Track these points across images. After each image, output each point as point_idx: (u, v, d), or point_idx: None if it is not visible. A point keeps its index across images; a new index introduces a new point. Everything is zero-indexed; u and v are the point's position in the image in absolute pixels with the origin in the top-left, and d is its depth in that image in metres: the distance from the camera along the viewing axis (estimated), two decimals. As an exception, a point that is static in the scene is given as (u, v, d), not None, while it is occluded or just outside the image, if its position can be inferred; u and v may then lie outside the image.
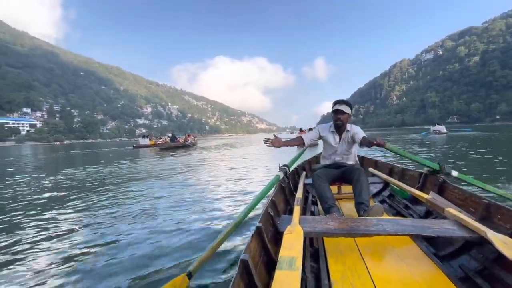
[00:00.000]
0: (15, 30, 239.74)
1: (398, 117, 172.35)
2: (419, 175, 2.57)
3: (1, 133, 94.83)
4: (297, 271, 0.95)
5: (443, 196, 2.06)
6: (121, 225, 3.11)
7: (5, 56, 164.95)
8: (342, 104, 2.27)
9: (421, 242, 1.62)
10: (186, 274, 1.13)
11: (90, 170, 8.92)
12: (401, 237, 1.58)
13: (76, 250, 2.46)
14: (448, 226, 1.42)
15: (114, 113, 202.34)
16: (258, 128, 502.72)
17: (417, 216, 2.15)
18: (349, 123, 2.38)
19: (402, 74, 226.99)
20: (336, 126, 2.34)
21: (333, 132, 2.40)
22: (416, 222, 1.49)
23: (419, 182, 2.52)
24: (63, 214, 3.74)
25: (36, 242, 2.74)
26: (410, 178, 2.78)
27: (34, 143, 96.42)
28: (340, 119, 2.26)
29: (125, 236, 2.72)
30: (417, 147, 12.84)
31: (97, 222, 3.29)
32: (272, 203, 1.87)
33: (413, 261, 1.42)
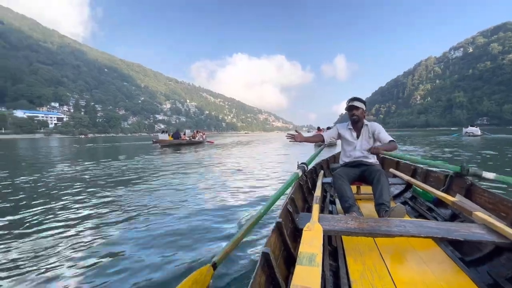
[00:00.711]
0: (46, 29, 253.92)
1: (421, 118, 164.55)
2: (444, 177, 2.49)
3: (31, 126, 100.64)
4: (318, 268, 0.95)
5: (471, 199, 1.99)
6: (144, 217, 3.18)
7: (36, 54, 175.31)
8: (355, 100, 2.33)
9: (446, 246, 1.58)
10: (211, 264, 1.17)
11: (113, 163, 9.20)
12: (424, 239, 1.56)
13: (101, 240, 2.53)
14: (477, 230, 1.37)
15: (135, 109, 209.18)
16: (274, 126, 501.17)
17: (441, 219, 2.09)
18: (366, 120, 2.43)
19: (428, 72, 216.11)
20: (353, 121, 2.40)
21: (351, 129, 2.44)
22: (441, 224, 1.46)
23: (444, 184, 2.44)
24: (87, 204, 3.85)
25: (63, 229, 2.84)
26: (434, 180, 2.69)
27: (60, 135, 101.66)
28: (355, 114, 2.33)
29: (148, 228, 2.79)
30: (451, 150, 11.74)
31: (122, 213, 3.37)
32: (291, 200, 1.88)
33: (438, 265, 1.39)
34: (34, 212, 3.51)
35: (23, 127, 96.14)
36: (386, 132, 2.32)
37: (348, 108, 2.37)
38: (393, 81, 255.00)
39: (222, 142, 27.77)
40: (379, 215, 1.87)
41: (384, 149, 2.17)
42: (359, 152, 2.40)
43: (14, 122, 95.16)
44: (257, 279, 0.98)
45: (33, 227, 2.92)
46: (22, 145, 25.90)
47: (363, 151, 2.39)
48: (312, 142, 2.58)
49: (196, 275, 1.10)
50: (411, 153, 10.64)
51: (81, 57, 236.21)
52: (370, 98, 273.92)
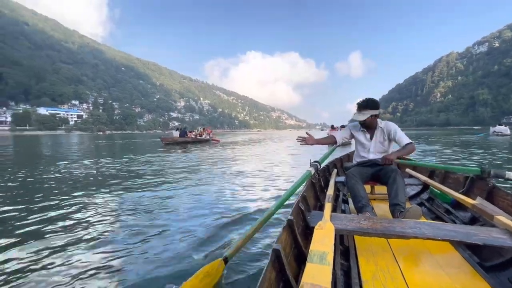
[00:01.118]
0: (68, 29, 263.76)
1: (441, 116, 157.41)
2: (464, 179, 2.41)
3: (53, 123, 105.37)
4: (328, 266, 0.95)
5: (492, 202, 1.92)
6: (156, 213, 3.22)
7: (58, 53, 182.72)
8: (362, 109, 2.21)
9: (463, 250, 1.53)
10: (223, 259, 1.19)
11: (130, 158, 9.58)
12: (441, 242, 1.51)
13: (113, 234, 2.57)
14: (498, 234, 1.32)
15: (150, 107, 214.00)
16: (287, 124, 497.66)
17: (460, 222, 2.03)
18: (381, 119, 2.33)
19: (449, 68, 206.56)
20: (362, 125, 2.34)
21: (364, 131, 2.35)
22: (460, 228, 1.42)
23: (464, 186, 2.36)
24: (103, 199, 3.93)
25: (80, 223, 2.90)
26: (453, 181, 2.60)
27: (80, 132, 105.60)
28: (362, 122, 2.27)
29: (159, 223, 2.83)
30: (479, 150, 10.88)
31: (135, 208, 3.44)
32: (303, 198, 1.87)
33: (455, 269, 1.35)
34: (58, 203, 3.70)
35: (45, 123, 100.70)
36: (403, 133, 2.21)
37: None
38: (411, 78, 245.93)
39: (233, 139, 27.55)
40: (393, 216, 1.82)
41: (399, 155, 2.10)
42: (372, 154, 2.33)
43: (38, 119, 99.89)
44: (267, 275, 0.99)
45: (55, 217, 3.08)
46: (45, 141, 26.96)
47: (376, 153, 2.32)
48: (324, 144, 2.51)
49: (208, 268, 1.15)
50: (433, 154, 10.02)
51: (99, 56, 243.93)
52: (387, 96, 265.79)
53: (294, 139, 2.35)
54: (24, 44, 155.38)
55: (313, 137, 2.38)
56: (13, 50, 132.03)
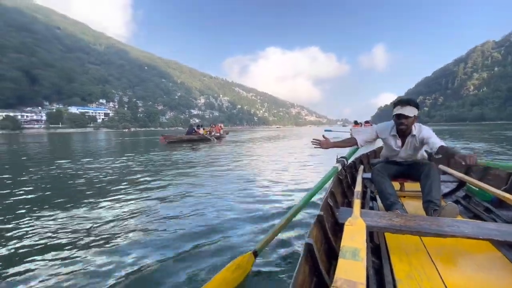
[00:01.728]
0: (95, 32, 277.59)
1: (474, 110, 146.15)
2: (507, 175, 2.30)
3: (83, 121, 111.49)
4: (362, 262, 0.93)
5: None
6: (186, 207, 3.31)
7: (87, 55, 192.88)
8: (406, 105, 1.94)
9: (508, 250, 1.43)
10: (252, 252, 1.20)
11: (156, 154, 9.81)
12: (481, 242, 1.43)
13: (146, 226, 2.63)
14: None
15: (172, 104, 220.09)
16: (307, 120, 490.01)
17: (502, 221, 1.90)
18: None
19: (484, 59, 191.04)
20: (400, 131, 2.06)
21: (395, 136, 2.12)
22: (503, 226, 1.36)
23: (507, 183, 2.25)
24: (134, 192, 4.09)
25: (113, 212, 3.09)
26: (494, 178, 2.47)
27: (107, 129, 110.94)
28: (404, 123, 1.97)
29: (189, 217, 2.89)
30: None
31: (167, 201, 3.60)
32: (331, 194, 1.83)
33: (498, 271, 1.26)
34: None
35: (76, 122, 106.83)
36: (436, 137, 1.97)
37: (396, 115, 1.99)
38: (440, 70, 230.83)
39: (249, 136, 27.07)
40: (427, 214, 1.72)
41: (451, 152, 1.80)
42: (401, 159, 2.19)
43: (69, 117, 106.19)
44: (301, 269, 0.99)
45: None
46: (76, 138, 28.71)
47: (406, 159, 2.18)
48: (342, 147, 2.27)
49: (239, 261, 1.17)
50: (482, 153, 8.93)
51: (124, 56, 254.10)
52: (413, 90, 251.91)
53: (313, 136, 2.10)
54: (57, 47, 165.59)
55: (329, 140, 2.19)
56: (47, 53, 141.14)
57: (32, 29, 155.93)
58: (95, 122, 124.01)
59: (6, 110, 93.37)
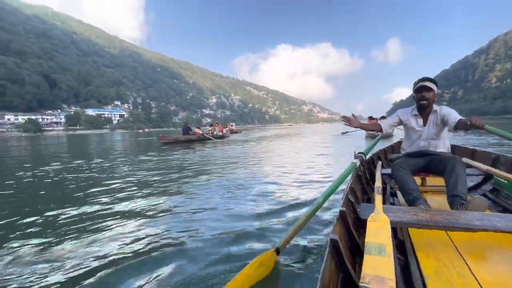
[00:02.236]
0: (110, 35, 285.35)
1: (497, 104, 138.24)
2: None
3: (99, 122, 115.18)
4: (389, 258, 0.91)
5: None
6: (207, 204, 3.31)
7: (102, 59, 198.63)
8: (426, 80, 1.99)
9: None
10: (275, 249, 1.20)
11: (172, 154, 9.73)
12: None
13: (167, 226, 2.62)
14: None
15: (184, 104, 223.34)
16: (319, 117, 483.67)
17: None
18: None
19: (507, 49, 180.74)
20: (421, 106, 2.07)
21: (416, 115, 2.14)
22: None
23: None
24: (149, 193, 4.04)
25: (128, 214, 3.05)
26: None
27: (122, 130, 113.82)
28: (426, 97, 1.99)
29: (211, 215, 2.88)
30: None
31: (187, 199, 3.60)
32: (351, 190, 1.82)
33: None
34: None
35: (93, 123, 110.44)
36: (456, 113, 1.98)
37: (417, 90, 2.02)
38: (459, 63, 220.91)
39: (261, 134, 26.46)
40: (452, 209, 1.65)
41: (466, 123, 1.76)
42: (424, 142, 2.14)
43: (86, 119, 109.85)
44: (327, 266, 0.98)
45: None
46: (93, 139, 29.65)
47: (430, 140, 2.12)
48: (368, 129, 2.39)
49: (261, 259, 1.17)
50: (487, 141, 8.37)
51: (137, 58, 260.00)
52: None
53: (325, 133, 1.97)
54: (74, 52, 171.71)
55: (358, 120, 2.28)
56: (64, 57, 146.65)
57: (51, 35, 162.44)
58: (111, 123, 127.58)
59: (28, 113, 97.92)
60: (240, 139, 18.66)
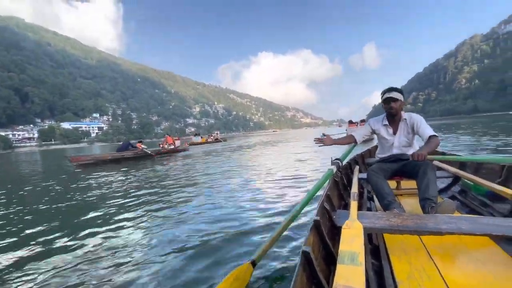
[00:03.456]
0: (86, 46, 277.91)
1: (468, 103, 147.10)
2: (500, 168, 2.28)
3: (76, 136, 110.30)
4: (361, 267, 0.91)
5: None
6: (177, 218, 3.25)
7: (78, 70, 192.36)
8: (392, 91, 2.07)
9: (506, 244, 1.42)
10: (251, 262, 1.18)
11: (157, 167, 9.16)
12: (480, 238, 1.41)
13: (141, 239, 2.59)
14: None
15: (166, 114, 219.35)
16: (303, 122, 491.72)
17: (499, 215, 1.90)
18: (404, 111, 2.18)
19: (473, 52, 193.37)
20: (390, 115, 2.16)
21: (386, 125, 2.20)
22: (500, 221, 1.35)
23: (500, 176, 2.22)
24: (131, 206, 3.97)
25: (107, 229, 2.97)
26: (488, 172, 2.45)
27: (101, 143, 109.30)
28: (393, 107, 2.07)
29: (183, 229, 2.82)
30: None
31: (160, 215, 3.50)
32: (327, 197, 1.81)
33: (497, 266, 1.25)
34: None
35: (69, 137, 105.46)
36: (427, 125, 2.03)
37: (385, 101, 2.09)
38: (431, 66, 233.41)
39: (242, 143, 24.88)
40: (424, 212, 1.72)
41: (429, 150, 1.84)
42: (397, 149, 2.19)
43: (62, 133, 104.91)
44: (298, 278, 0.97)
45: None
46: (69, 153, 27.09)
47: (402, 147, 2.17)
48: (342, 144, 2.39)
49: (237, 272, 1.15)
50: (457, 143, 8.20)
51: (116, 69, 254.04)
52: (406, 86, 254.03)
53: (307, 139, 1.72)
54: (47, 64, 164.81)
55: (331, 138, 2.29)
56: (37, 69, 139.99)
57: (22, 46, 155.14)
58: (89, 136, 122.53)
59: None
60: (207, 151, 15.75)
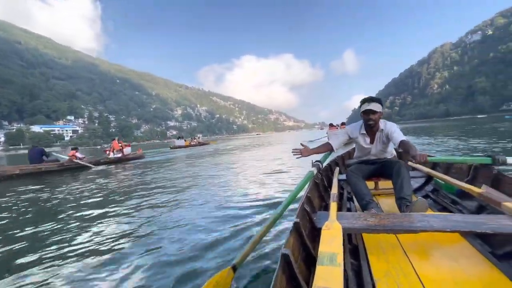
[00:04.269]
0: (61, 45, 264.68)
1: (440, 107, 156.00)
2: (468, 167, 2.39)
3: (48, 140, 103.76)
4: (339, 267, 0.93)
5: (498, 189, 1.88)
6: (163, 223, 3.20)
7: (51, 70, 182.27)
8: (371, 102, 2.07)
9: (473, 239, 1.50)
10: (231, 267, 1.20)
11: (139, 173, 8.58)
12: (450, 234, 1.49)
13: (122, 245, 2.54)
14: (507, 221, 1.32)
15: (147, 117, 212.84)
16: (285, 125, 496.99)
17: (467, 212, 1.98)
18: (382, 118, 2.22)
19: (444, 59, 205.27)
20: (368, 127, 2.17)
21: (364, 134, 2.23)
22: (468, 218, 1.41)
23: (468, 175, 2.33)
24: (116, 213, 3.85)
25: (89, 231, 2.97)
26: (457, 171, 2.58)
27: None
28: (372, 119, 2.09)
29: (163, 236, 2.77)
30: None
31: (145, 219, 3.44)
32: (307, 199, 1.84)
33: (466, 260, 1.32)
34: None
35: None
36: (399, 131, 2.10)
37: (364, 112, 2.11)
38: (407, 71, 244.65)
39: (218, 148, 23.74)
40: (400, 210, 1.79)
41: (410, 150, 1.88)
42: (373, 157, 2.27)
43: (31, 137, 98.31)
44: (277, 281, 0.97)
45: None
46: None
47: (378, 155, 2.26)
48: (321, 152, 2.39)
49: (217, 278, 1.14)
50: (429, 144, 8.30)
51: (94, 70, 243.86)
52: (384, 91, 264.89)
53: (289, 142, 1.74)
54: (17, 63, 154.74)
55: (308, 148, 2.28)
56: (5, 69, 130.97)
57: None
58: (62, 140, 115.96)
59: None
60: (168, 158, 14.17)
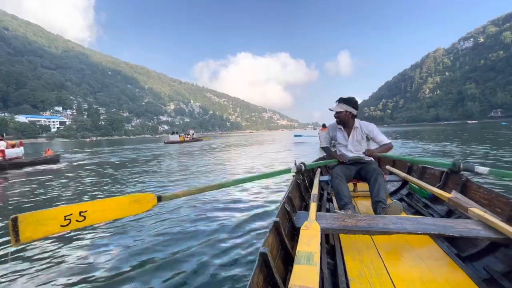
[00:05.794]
0: (51, 34, 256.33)
1: (431, 112, 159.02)
2: (440, 174, 2.50)
3: (33, 130, 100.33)
4: (316, 267, 0.95)
5: (466, 195, 1.98)
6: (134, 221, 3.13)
7: (40, 58, 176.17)
8: (338, 103, 2.35)
9: (442, 242, 1.58)
10: (157, 196, 1.25)
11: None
12: (421, 236, 1.56)
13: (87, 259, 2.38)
14: (472, 226, 1.37)
15: (138, 111, 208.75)
16: (279, 124, 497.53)
17: (438, 215, 2.10)
18: (357, 118, 2.42)
19: (436, 64, 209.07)
20: (337, 122, 2.43)
21: (341, 129, 2.44)
22: (438, 221, 1.46)
23: (440, 180, 2.44)
24: None
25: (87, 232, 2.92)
26: (430, 177, 2.70)
27: (63, 139, 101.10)
28: (337, 116, 2.37)
29: (140, 234, 2.74)
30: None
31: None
32: (288, 199, 1.88)
33: (434, 261, 1.40)
34: None
35: (25, 132, 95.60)
36: (381, 133, 2.33)
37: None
38: (400, 75, 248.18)
39: (207, 144, 23.54)
40: (376, 213, 1.87)
41: (380, 151, 2.22)
42: (350, 153, 2.40)
43: (16, 127, 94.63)
44: (254, 280, 0.98)
45: None
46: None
47: (355, 151, 2.39)
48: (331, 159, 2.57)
49: (140, 197, 1.22)
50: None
51: (85, 60, 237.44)
52: (377, 93, 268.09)
53: (279, 142, 1.75)
54: (3, 49, 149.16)
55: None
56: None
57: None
58: (49, 132, 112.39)
59: None
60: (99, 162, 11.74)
